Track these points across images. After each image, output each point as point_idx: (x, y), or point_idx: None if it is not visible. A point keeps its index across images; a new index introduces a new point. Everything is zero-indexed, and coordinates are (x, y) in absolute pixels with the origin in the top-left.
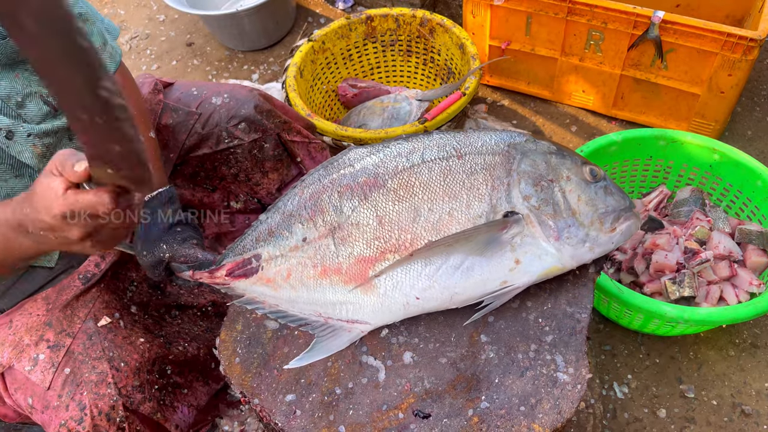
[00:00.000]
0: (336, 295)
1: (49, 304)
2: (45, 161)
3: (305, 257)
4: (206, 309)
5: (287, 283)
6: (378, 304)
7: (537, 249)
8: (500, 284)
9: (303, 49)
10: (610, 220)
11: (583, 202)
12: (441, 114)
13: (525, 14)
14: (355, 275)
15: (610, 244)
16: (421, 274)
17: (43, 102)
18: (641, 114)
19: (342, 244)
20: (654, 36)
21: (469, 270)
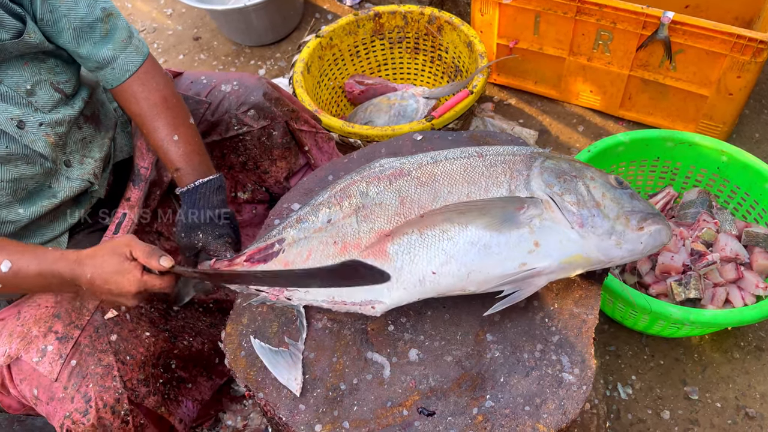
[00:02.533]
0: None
1: (57, 296)
2: (58, 150)
3: (327, 236)
4: (209, 305)
5: (305, 266)
6: (393, 279)
7: (558, 234)
8: (519, 266)
9: (310, 44)
10: (637, 218)
11: (608, 198)
12: (448, 112)
13: (533, 13)
14: (373, 250)
15: (639, 244)
16: (438, 248)
17: (53, 89)
18: (649, 115)
19: (364, 221)
20: (663, 37)
21: (487, 248)
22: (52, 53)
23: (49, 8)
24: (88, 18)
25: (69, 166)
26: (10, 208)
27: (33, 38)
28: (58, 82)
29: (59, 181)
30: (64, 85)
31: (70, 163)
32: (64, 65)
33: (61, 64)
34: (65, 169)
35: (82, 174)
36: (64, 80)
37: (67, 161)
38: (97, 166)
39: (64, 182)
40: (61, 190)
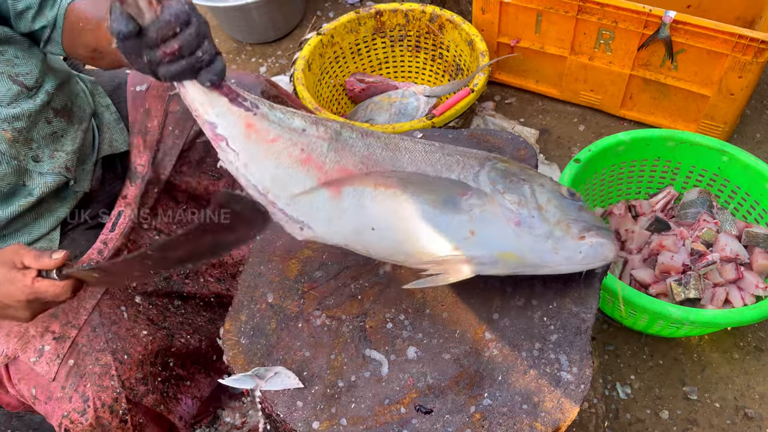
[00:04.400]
0: (304, 185)
1: None
2: (19, 146)
3: (298, 139)
4: (209, 300)
5: (267, 145)
6: (335, 217)
7: (494, 228)
8: (452, 249)
9: (312, 42)
10: (579, 227)
11: (553, 204)
12: (449, 110)
13: (535, 12)
14: (332, 181)
15: (578, 253)
16: (386, 208)
17: (12, 82)
18: (650, 114)
19: (333, 151)
20: (665, 36)
21: (427, 223)
22: (9, 42)
23: None
24: None
25: (38, 161)
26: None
27: None
28: (17, 74)
29: (32, 178)
30: (24, 78)
31: (39, 158)
32: (25, 57)
33: (21, 55)
34: (34, 165)
35: (53, 168)
36: (24, 72)
37: (35, 156)
38: (69, 159)
39: (37, 178)
40: (36, 187)
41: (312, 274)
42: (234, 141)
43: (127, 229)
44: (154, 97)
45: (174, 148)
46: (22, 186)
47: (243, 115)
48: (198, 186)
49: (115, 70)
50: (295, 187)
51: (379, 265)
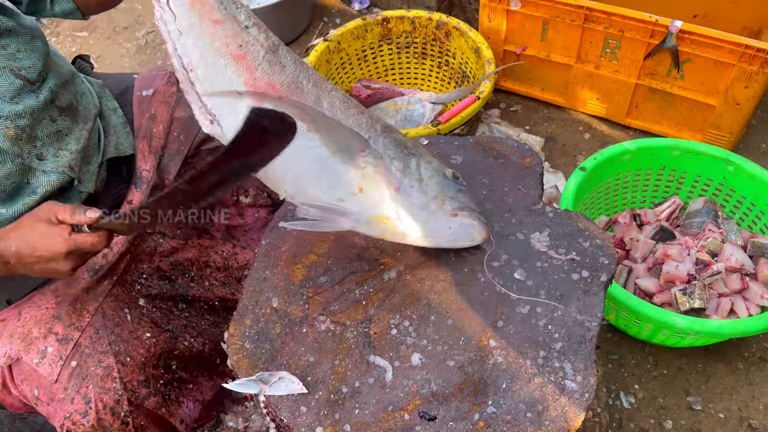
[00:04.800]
0: (230, 81)
1: (58, 297)
2: (22, 144)
3: (239, 34)
4: (214, 303)
5: (208, 23)
6: None
7: (379, 190)
8: (336, 200)
9: (318, 48)
10: (454, 206)
11: (434, 180)
12: (454, 117)
13: (541, 20)
14: (258, 89)
15: (447, 229)
16: (299, 138)
17: (14, 76)
18: (656, 123)
19: (267, 62)
20: (671, 46)
21: (324, 167)
22: (12, 34)
23: None
24: None
25: (42, 159)
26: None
27: None
28: (19, 68)
29: (36, 176)
30: (27, 71)
31: (43, 156)
32: (27, 50)
33: (23, 48)
34: (38, 163)
35: (56, 166)
36: (27, 66)
37: (39, 154)
38: (74, 158)
39: (41, 177)
40: (40, 185)
41: (317, 279)
42: (175, 3)
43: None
44: (160, 102)
45: (179, 154)
46: (26, 184)
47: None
48: None
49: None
50: (220, 78)
51: (384, 271)
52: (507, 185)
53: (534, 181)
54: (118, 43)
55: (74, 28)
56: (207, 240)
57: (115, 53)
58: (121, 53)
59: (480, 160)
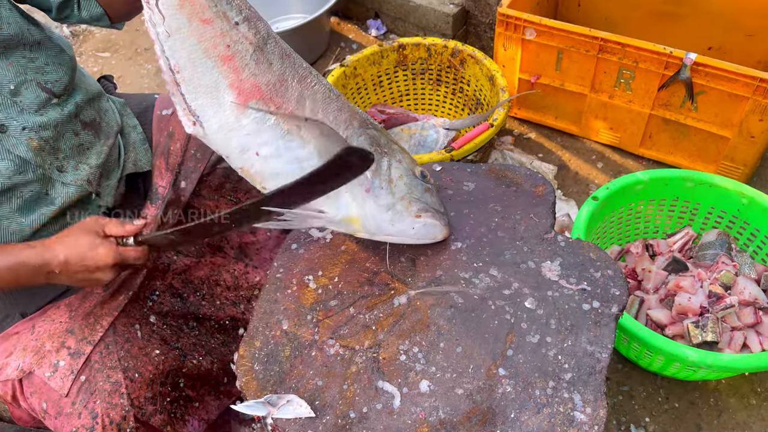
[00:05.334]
0: (216, 83)
1: (72, 311)
2: (45, 155)
3: (228, 33)
4: (224, 322)
5: (197, 24)
6: (231, 128)
7: (350, 191)
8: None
9: (335, 73)
10: (418, 207)
11: (403, 181)
12: (468, 144)
13: (556, 50)
14: (243, 91)
15: (411, 229)
16: (279, 140)
17: (40, 89)
18: (669, 154)
19: (254, 62)
20: (685, 77)
21: (301, 169)
22: (41, 47)
23: None
24: None
25: (62, 172)
26: (11, 218)
27: (6, 30)
28: (46, 81)
29: (55, 188)
30: (53, 85)
31: (64, 168)
32: (55, 64)
33: (51, 62)
34: (58, 174)
35: (75, 179)
36: (54, 80)
37: (60, 166)
38: (92, 172)
39: (60, 188)
40: (58, 197)
41: (327, 302)
42: (164, 4)
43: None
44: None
45: (195, 172)
46: (45, 195)
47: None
48: (216, 209)
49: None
50: (206, 79)
51: (395, 296)
52: (519, 213)
53: (546, 210)
54: (138, 64)
55: (97, 49)
56: (219, 258)
57: (136, 74)
58: (142, 74)
59: (492, 187)
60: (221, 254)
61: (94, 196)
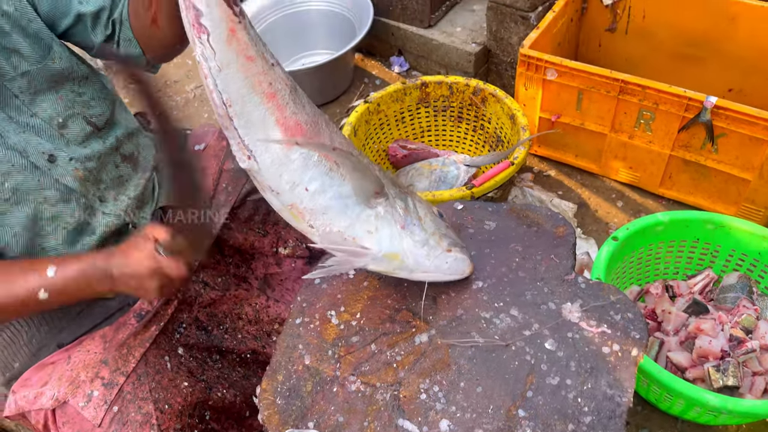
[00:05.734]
0: (264, 119)
1: (106, 342)
2: (89, 185)
3: (268, 72)
4: (245, 356)
5: (244, 60)
6: (281, 163)
7: (389, 228)
8: (352, 240)
9: (359, 109)
10: (448, 242)
11: (428, 218)
12: (488, 182)
13: (576, 90)
14: (288, 127)
15: (444, 263)
16: (324, 176)
17: (86, 122)
18: (689, 195)
19: (292, 101)
20: (705, 120)
21: (345, 205)
22: (88, 82)
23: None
24: None
25: (103, 202)
26: (57, 249)
27: (58, 64)
28: (91, 115)
29: (96, 218)
30: (97, 119)
31: (105, 198)
32: (99, 99)
33: (96, 97)
34: (100, 204)
35: (115, 210)
36: (98, 114)
37: (102, 197)
38: (130, 203)
39: (100, 218)
40: (99, 226)
41: (349, 338)
42: (215, 40)
43: None
44: (211, 156)
45: (225, 205)
46: (87, 225)
47: (230, 17)
48: (245, 241)
49: (172, 53)
50: (256, 114)
51: (416, 334)
52: (540, 254)
53: (567, 251)
54: (168, 96)
55: None
56: (243, 291)
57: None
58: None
59: (513, 227)
60: (245, 286)
61: (130, 227)
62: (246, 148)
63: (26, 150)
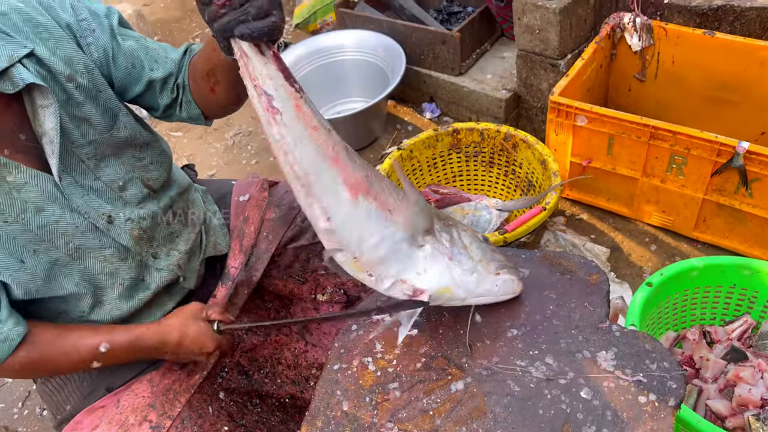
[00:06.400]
0: (333, 180)
1: (153, 387)
2: (143, 243)
3: (329, 137)
4: (284, 400)
5: (311, 131)
6: (351, 219)
7: (438, 265)
8: (411, 278)
9: (392, 156)
10: (495, 265)
11: (474, 245)
12: (521, 227)
13: (607, 135)
14: (352, 185)
15: (495, 287)
16: (382, 226)
17: (143, 185)
18: (724, 238)
19: (350, 161)
20: (738, 165)
21: (398, 250)
22: (148, 147)
23: (131, 62)
24: (150, 46)
25: (156, 258)
26: (113, 304)
27: (123, 133)
28: (148, 179)
29: (150, 273)
30: (154, 182)
31: (158, 255)
32: (157, 163)
33: (155, 161)
34: (153, 261)
35: (167, 265)
36: (155, 177)
37: (155, 253)
38: (182, 258)
39: (154, 273)
40: (153, 282)
41: (386, 385)
42: (287, 117)
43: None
44: (253, 206)
45: (266, 253)
46: (141, 281)
47: (294, 94)
48: (284, 288)
49: (228, 112)
50: (326, 178)
51: (452, 382)
52: (574, 301)
53: (600, 299)
54: (208, 143)
55: (170, 129)
56: (283, 336)
57: (206, 152)
58: (211, 152)
59: (547, 274)
60: (285, 331)
61: (181, 279)
62: (323, 211)
63: (88, 212)
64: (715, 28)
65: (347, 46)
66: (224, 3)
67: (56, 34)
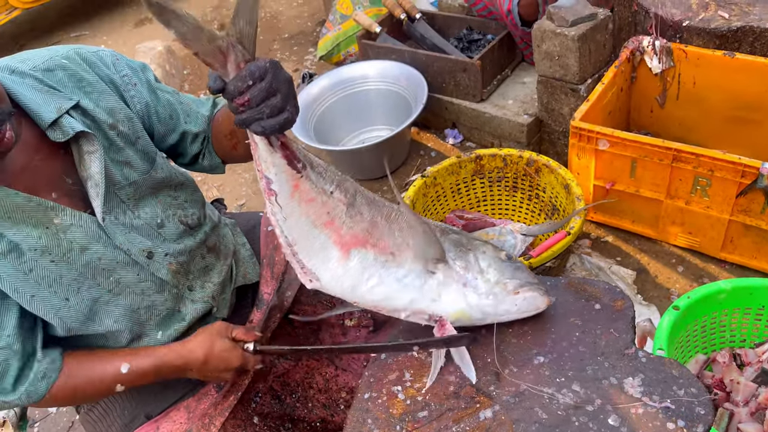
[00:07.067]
0: (323, 244)
1: (190, 413)
2: (180, 276)
3: (326, 202)
4: (315, 424)
5: (305, 205)
6: (340, 274)
7: (452, 290)
8: (424, 307)
9: (416, 183)
10: (514, 285)
11: (492, 267)
12: (546, 252)
13: (630, 159)
14: (344, 243)
15: (514, 307)
16: (381, 270)
17: (180, 222)
18: (753, 258)
19: (349, 217)
20: (763, 186)
21: (405, 285)
22: (183, 187)
23: (169, 113)
24: (184, 101)
25: (192, 290)
26: (150, 335)
27: (160, 174)
28: (185, 215)
29: (185, 305)
30: (190, 219)
31: (193, 287)
32: (191, 201)
33: (189, 200)
34: (188, 293)
35: (202, 296)
36: (190, 214)
37: (190, 286)
38: (216, 289)
39: (189, 305)
40: (188, 313)
41: (416, 414)
42: (281, 197)
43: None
44: None
45: (296, 280)
46: (177, 312)
47: (294, 176)
48: (314, 313)
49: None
50: (315, 244)
51: (480, 410)
52: (599, 328)
53: (626, 325)
54: (237, 173)
55: None
56: (314, 361)
57: (235, 182)
58: (240, 182)
59: (572, 301)
60: (316, 356)
61: (214, 309)
62: (308, 273)
63: (130, 249)
64: (734, 49)
65: (370, 76)
66: (243, 102)
67: (99, 87)
